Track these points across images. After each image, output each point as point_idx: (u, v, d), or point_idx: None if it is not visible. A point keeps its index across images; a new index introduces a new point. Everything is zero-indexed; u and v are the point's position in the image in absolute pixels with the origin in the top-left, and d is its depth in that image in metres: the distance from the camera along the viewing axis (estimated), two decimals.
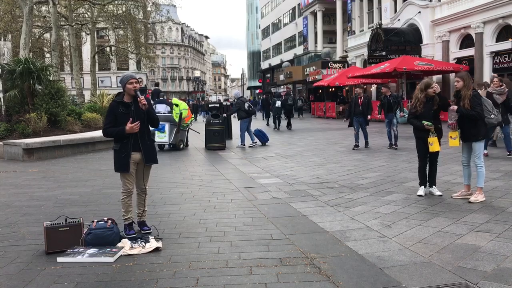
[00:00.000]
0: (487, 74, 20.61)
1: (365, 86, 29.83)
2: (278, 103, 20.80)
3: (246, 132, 13.62)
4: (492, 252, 4.00)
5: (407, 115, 11.08)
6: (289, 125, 21.13)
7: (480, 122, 5.75)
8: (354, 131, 12.09)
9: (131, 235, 4.65)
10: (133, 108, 4.70)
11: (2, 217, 5.69)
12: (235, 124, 18.54)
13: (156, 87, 25.35)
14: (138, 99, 4.68)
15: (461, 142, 5.99)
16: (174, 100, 14.02)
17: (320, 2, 42.29)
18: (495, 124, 5.94)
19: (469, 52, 21.88)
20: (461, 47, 22.95)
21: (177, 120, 13.08)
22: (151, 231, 4.84)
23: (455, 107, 5.78)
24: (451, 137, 5.97)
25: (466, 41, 22.52)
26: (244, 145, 13.55)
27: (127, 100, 4.75)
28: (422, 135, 6.15)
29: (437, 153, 6.24)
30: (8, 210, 6.11)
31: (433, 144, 6.02)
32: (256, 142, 13.68)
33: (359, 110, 11.97)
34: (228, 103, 23.02)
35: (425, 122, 6.01)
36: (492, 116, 5.81)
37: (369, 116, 12.23)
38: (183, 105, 13.58)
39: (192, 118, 15.12)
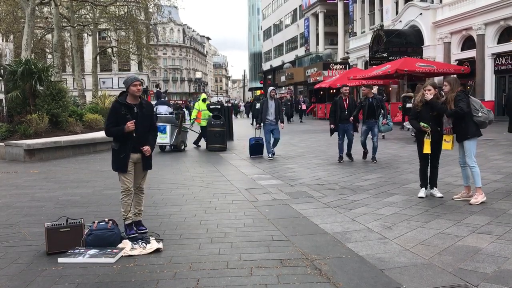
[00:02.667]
0: (489, 75, 20.63)
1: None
2: (258, 105, 21.69)
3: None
4: (493, 254, 3.99)
5: (391, 123, 10.87)
6: None
7: (468, 120, 5.75)
8: (339, 140, 10.04)
9: (131, 236, 4.66)
10: (137, 111, 4.70)
11: (3, 218, 5.70)
12: (236, 125, 18.53)
13: (158, 89, 25.31)
14: (143, 149, 4.71)
15: (454, 144, 6.04)
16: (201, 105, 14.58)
17: (321, 3, 42.33)
18: (486, 122, 5.90)
19: (471, 53, 21.87)
20: (462, 49, 22.95)
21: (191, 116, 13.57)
22: (147, 230, 4.85)
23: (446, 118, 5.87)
24: (445, 140, 6.02)
25: (468, 43, 22.51)
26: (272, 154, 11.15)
27: (130, 102, 4.73)
28: (420, 137, 6.16)
29: (438, 155, 6.24)
30: (9, 210, 6.12)
31: (424, 146, 6.05)
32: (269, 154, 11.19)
33: (344, 115, 9.82)
34: (230, 105, 23.23)
35: (422, 124, 6.03)
36: (480, 114, 5.77)
37: (357, 124, 10.02)
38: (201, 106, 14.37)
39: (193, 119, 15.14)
